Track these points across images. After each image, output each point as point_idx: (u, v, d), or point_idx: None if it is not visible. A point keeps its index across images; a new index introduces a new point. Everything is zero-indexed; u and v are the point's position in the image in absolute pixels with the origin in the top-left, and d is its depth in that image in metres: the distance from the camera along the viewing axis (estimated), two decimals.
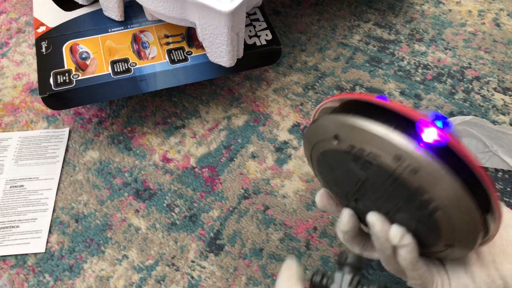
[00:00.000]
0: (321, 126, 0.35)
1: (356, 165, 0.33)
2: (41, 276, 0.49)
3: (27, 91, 0.65)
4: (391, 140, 0.31)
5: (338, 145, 0.33)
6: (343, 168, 0.34)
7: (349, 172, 0.34)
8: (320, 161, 0.37)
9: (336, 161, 0.35)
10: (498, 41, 0.68)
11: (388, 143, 0.31)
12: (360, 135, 0.32)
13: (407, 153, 0.30)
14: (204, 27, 0.51)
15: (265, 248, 0.51)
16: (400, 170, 0.31)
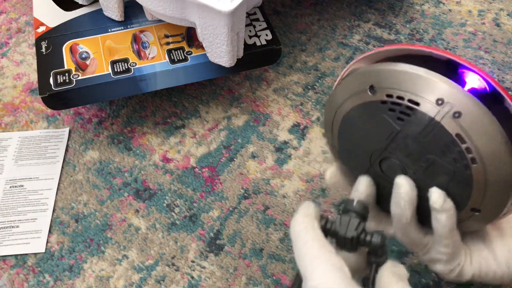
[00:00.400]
0: (353, 79, 0.33)
1: (391, 116, 0.32)
2: (41, 276, 0.49)
3: (27, 91, 0.65)
4: (432, 82, 0.29)
5: (373, 96, 0.32)
6: (374, 123, 0.33)
7: (381, 126, 0.32)
8: (345, 122, 0.35)
9: (367, 116, 0.33)
10: (498, 41, 0.68)
11: (430, 85, 0.29)
12: (399, 81, 0.30)
13: (450, 95, 0.29)
14: (204, 27, 0.51)
15: (265, 248, 0.51)
16: (440, 115, 0.29)
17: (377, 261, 0.33)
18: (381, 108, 0.32)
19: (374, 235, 0.32)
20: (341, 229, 0.33)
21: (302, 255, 0.31)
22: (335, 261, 0.30)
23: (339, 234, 0.33)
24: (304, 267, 0.30)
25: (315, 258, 0.30)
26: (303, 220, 0.33)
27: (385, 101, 0.31)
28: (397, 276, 0.32)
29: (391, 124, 0.32)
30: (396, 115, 0.31)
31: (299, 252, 0.31)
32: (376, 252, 0.33)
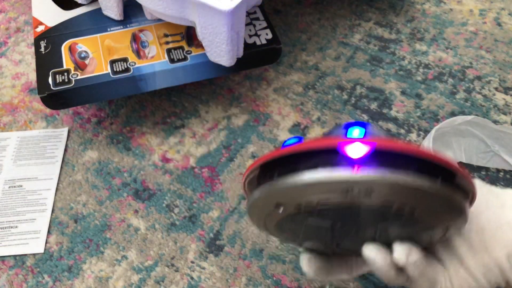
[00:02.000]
0: (257, 204, 0.33)
1: (314, 218, 0.32)
2: (40, 276, 0.49)
3: (25, 91, 0.65)
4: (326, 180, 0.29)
5: (284, 211, 0.32)
6: (304, 227, 0.33)
7: (313, 227, 0.33)
8: (279, 231, 0.35)
9: (294, 224, 0.33)
10: (499, 41, 0.68)
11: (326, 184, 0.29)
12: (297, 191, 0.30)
13: (348, 182, 0.29)
14: (204, 26, 0.51)
15: (265, 248, 0.50)
16: (356, 200, 0.30)
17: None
18: (300, 216, 0.32)
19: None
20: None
21: None
22: None
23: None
24: None
25: None
26: None
27: (299, 211, 0.31)
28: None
29: (320, 222, 0.32)
30: (317, 216, 0.32)
31: None
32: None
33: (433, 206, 0.31)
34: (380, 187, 0.29)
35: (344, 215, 0.31)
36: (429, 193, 0.30)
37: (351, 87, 0.64)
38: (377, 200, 0.29)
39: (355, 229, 0.33)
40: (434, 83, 0.64)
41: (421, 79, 0.64)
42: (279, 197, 0.31)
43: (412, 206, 0.30)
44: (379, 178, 0.29)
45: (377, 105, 0.62)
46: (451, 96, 0.62)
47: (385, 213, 0.31)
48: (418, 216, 0.31)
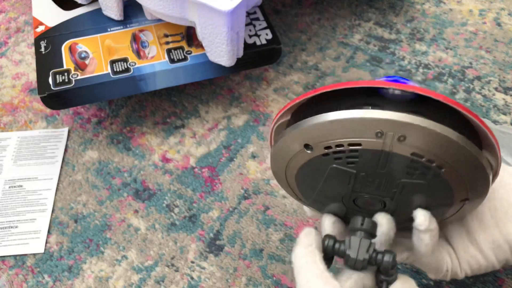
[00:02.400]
0: (285, 144, 0.32)
1: (340, 164, 0.31)
2: (40, 276, 0.49)
3: (26, 91, 0.65)
4: (362, 120, 0.29)
5: (312, 153, 0.31)
6: (327, 175, 0.32)
7: (336, 175, 0.32)
8: (299, 181, 0.34)
9: (317, 171, 0.32)
10: (499, 41, 0.68)
11: (362, 124, 0.29)
12: (330, 131, 0.30)
13: (385, 124, 0.28)
14: (204, 26, 0.51)
15: (265, 248, 0.50)
16: (388, 146, 0.29)
17: (387, 280, 0.33)
18: (327, 160, 0.31)
19: (385, 254, 0.32)
20: (352, 251, 0.32)
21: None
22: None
23: (351, 256, 0.32)
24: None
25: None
26: (304, 253, 0.32)
27: (327, 153, 0.31)
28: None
29: (344, 170, 0.31)
30: (344, 161, 0.31)
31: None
32: (387, 271, 0.32)
33: (462, 167, 0.30)
34: (415, 133, 0.28)
35: (370, 164, 0.30)
36: (462, 150, 0.29)
37: None
38: (408, 148, 0.29)
39: (377, 184, 0.31)
40: (434, 83, 0.64)
41: (421, 79, 0.64)
42: (310, 136, 0.31)
43: (442, 161, 0.29)
44: (415, 123, 0.28)
45: None
46: (451, 96, 0.62)
47: (412, 167, 0.30)
48: (443, 178, 0.30)
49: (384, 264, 0.32)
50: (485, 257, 0.36)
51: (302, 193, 0.36)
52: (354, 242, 0.32)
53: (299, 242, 0.33)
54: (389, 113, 0.28)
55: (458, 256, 0.36)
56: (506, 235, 0.35)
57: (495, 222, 0.35)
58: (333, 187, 0.33)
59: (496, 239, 0.35)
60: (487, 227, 0.35)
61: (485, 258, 0.36)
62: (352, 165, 0.31)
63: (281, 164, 0.34)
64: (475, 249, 0.36)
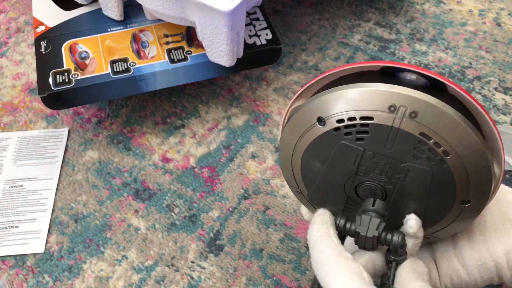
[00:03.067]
0: (298, 118, 0.33)
1: (349, 140, 0.31)
2: (40, 276, 0.49)
3: (26, 91, 0.65)
4: (377, 92, 0.29)
5: (324, 127, 0.31)
6: (335, 153, 0.32)
7: (344, 153, 0.32)
8: (305, 163, 0.34)
9: (326, 149, 0.33)
10: (499, 41, 0.68)
11: (376, 96, 0.29)
12: (344, 104, 0.30)
13: (399, 98, 0.29)
14: (204, 26, 0.51)
15: (265, 248, 0.50)
16: (398, 121, 0.29)
17: (396, 259, 0.33)
18: (337, 135, 0.31)
19: (394, 234, 0.32)
20: (362, 229, 0.32)
21: (319, 264, 0.30)
22: (353, 267, 0.29)
23: (360, 234, 0.32)
24: (322, 277, 0.30)
25: (333, 266, 0.30)
26: (319, 228, 0.33)
27: (338, 128, 0.31)
28: (417, 273, 0.31)
29: (353, 147, 0.31)
30: (354, 137, 0.31)
31: (317, 261, 0.31)
32: (397, 251, 0.33)
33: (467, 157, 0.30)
34: (426, 111, 0.29)
35: (379, 141, 0.31)
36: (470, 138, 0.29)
37: None
38: (418, 126, 0.29)
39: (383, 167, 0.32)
40: None
41: None
42: (323, 109, 0.31)
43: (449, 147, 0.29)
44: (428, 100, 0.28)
45: None
46: None
47: (418, 149, 0.30)
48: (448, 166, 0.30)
49: (394, 243, 0.32)
50: (468, 273, 0.35)
51: (304, 180, 0.36)
52: (364, 220, 0.33)
53: (314, 221, 0.34)
54: (404, 88, 0.29)
55: (440, 268, 0.36)
56: (493, 253, 0.34)
57: (484, 239, 0.35)
58: (338, 169, 0.33)
59: (483, 257, 0.34)
60: (475, 242, 0.35)
61: (468, 274, 0.35)
62: (361, 142, 0.31)
63: (290, 142, 0.34)
64: (458, 263, 0.35)
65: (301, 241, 0.51)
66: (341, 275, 0.29)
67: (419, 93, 0.29)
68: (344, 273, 0.29)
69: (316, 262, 0.31)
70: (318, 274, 0.30)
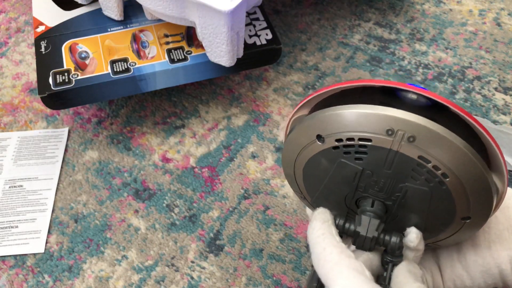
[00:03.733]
0: (298, 133, 0.33)
1: (348, 158, 0.31)
2: (40, 276, 0.49)
3: (26, 91, 0.65)
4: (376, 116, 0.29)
5: (323, 144, 0.32)
6: (335, 169, 0.33)
7: (343, 170, 0.32)
8: (306, 175, 0.35)
9: (326, 164, 0.33)
10: (499, 41, 0.68)
11: (374, 119, 0.29)
12: (343, 124, 0.30)
13: (397, 122, 0.29)
14: (204, 26, 0.51)
15: (265, 248, 0.50)
16: (396, 144, 0.29)
17: (393, 261, 0.33)
18: (336, 153, 0.32)
19: (393, 235, 0.32)
20: (362, 229, 0.32)
21: (322, 261, 0.30)
22: (356, 265, 0.29)
23: (360, 234, 0.32)
24: (325, 274, 0.30)
25: (336, 264, 0.29)
26: (320, 226, 0.33)
27: (337, 146, 0.31)
28: (413, 275, 0.31)
29: (351, 165, 0.32)
30: (353, 156, 0.31)
31: (319, 258, 0.31)
32: (394, 252, 0.33)
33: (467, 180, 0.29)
34: (425, 136, 0.28)
35: (377, 162, 0.31)
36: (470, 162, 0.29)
37: None
38: (416, 150, 0.29)
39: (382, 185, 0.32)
40: (434, 83, 0.64)
41: (421, 79, 0.64)
42: (323, 127, 0.31)
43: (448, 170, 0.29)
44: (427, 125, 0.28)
45: None
46: (451, 96, 0.62)
47: (417, 171, 0.30)
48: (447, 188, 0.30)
49: (392, 244, 0.32)
50: (472, 278, 0.35)
51: (307, 189, 0.36)
52: (364, 220, 0.33)
53: (315, 218, 0.34)
54: (402, 112, 0.29)
55: (444, 273, 0.36)
56: (497, 259, 0.34)
57: (488, 245, 0.34)
58: (338, 183, 0.34)
59: (487, 263, 0.34)
60: (479, 248, 0.35)
61: (472, 279, 0.35)
62: (360, 161, 0.31)
63: (292, 155, 0.34)
64: (462, 268, 0.35)
65: (301, 241, 0.51)
66: (345, 272, 0.29)
67: (417, 117, 0.29)
68: (347, 271, 0.29)
69: (318, 259, 0.31)
70: (321, 271, 0.30)
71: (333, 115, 0.31)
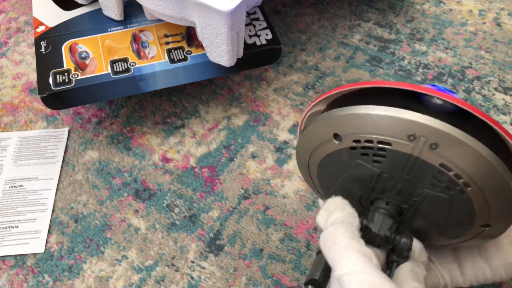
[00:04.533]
0: (315, 129, 0.32)
1: (365, 160, 0.30)
2: (40, 276, 0.49)
3: (26, 91, 0.65)
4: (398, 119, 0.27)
5: (340, 144, 0.30)
6: (351, 169, 0.31)
7: (359, 171, 0.31)
8: (321, 171, 0.34)
9: (342, 164, 0.32)
10: (499, 41, 0.68)
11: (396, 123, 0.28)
12: (362, 125, 0.29)
13: (420, 128, 0.27)
14: (204, 26, 0.51)
15: (265, 248, 0.50)
16: (417, 151, 0.28)
17: (398, 261, 0.33)
18: (353, 154, 0.30)
19: (404, 236, 0.31)
20: (375, 226, 0.32)
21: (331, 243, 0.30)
22: (365, 251, 0.29)
23: (372, 230, 0.32)
24: (332, 256, 0.29)
25: (346, 246, 0.29)
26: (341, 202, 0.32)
27: (354, 147, 0.30)
28: (414, 274, 0.31)
29: (369, 167, 0.30)
30: (370, 158, 0.30)
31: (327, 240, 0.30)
32: (402, 253, 0.32)
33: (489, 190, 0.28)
34: (448, 144, 0.27)
35: (396, 166, 0.29)
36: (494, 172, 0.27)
37: None
38: (438, 158, 0.28)
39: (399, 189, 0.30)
40: (434, 83, 0.64)
41: (421, 79, 0.64)
42: (341, 126, 0.30)
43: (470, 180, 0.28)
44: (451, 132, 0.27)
45: None
46: None
47: (437, 178, 0.28)
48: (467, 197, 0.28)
49: (401, 245, 0.31)
50: (494, 271, 0.35)
51: (321, 184, 0.35)
52: (378, 218, 0.32)
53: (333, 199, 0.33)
54: (426, 118, 0.27)
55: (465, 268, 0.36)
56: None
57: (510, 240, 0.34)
58: (354, 183, 0.33)
59: (509, 256, 0.34)
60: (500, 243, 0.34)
61: (494, 272, 0.35)
62: (378, 164, 0.30)
63: (307, 150, 0.33)
64: (484, 262, 0.35)
65: (301, 241, 0.51)
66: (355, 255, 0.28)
67: (441, 123, 0.27)
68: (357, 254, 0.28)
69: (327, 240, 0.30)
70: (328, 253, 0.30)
71: (351, 115, 0.29)
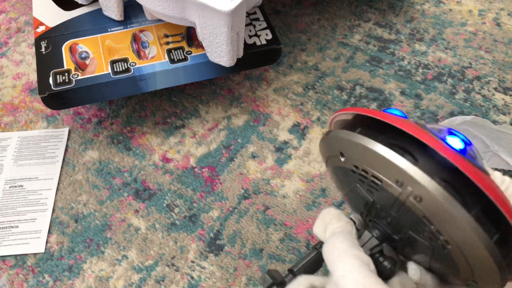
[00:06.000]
0: (329, 141, 0.33)
1: (363, 186, 0.31)
2: (41, 276, 0.49)
3: (26, 91, 0.65)
4: (391, 163, 0.28)
5: (345, 162, 0.32)
6: (353, 186, 0.33)
7: (358, 193, 0.32)
8: (334, 175, 0.35)
9: (347, 178, 0.33)
10: (498, 41, 0.68)
11: (388, 166, 0.28)
12: (362, 155, 0.30)
13: (408, 179, 0.27)
14: (204, 26, 0.51)
15: (265, 248, 0.50)
16: (404, 196, 0.28)
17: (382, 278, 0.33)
18: (353, 176, 0.32)
19: (387, 260, 0.32)
20: (360, 242, 0.32)
21: (331, 248, 0.31)
22: (364, 257, 0.30)
23: None
24: (332, 260, 0.30)
25: (344, 252, 0.30)
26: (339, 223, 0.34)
27: (354, 171, 0.31)
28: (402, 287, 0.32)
29: (364, 193, 0.32)
30: (366, 185, 0.31)
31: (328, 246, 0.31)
32: (381, 275, 0.32)
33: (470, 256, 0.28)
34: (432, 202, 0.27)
35: (387, 201, 0.30)
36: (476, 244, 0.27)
37: (350, 87, 0.64)
38: (422, 210, 0.28)
39: (390, 221, 0.31)
40: (434, 83, 0.64)
41: (421, 79, 0.64)
42: (346, 149, 0.31)
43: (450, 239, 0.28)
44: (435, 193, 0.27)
45: (376, 105, 0.62)
46: (451, 96, 0.62)
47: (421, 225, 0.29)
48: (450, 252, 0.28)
49: (381, 267, 0.32)
50: None
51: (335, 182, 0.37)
52: (365, 236, 0.33)
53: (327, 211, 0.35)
54: (415, 170, 0.27)
55: None
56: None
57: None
58: (355, 200, 0.34)
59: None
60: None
61: None
62: (371, 194, 0.31)
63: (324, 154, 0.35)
64: None
65: (301, 241, 0.51)
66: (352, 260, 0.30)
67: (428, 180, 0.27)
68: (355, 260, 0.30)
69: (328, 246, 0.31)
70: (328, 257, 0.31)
71: (353, 142, 0.30)
